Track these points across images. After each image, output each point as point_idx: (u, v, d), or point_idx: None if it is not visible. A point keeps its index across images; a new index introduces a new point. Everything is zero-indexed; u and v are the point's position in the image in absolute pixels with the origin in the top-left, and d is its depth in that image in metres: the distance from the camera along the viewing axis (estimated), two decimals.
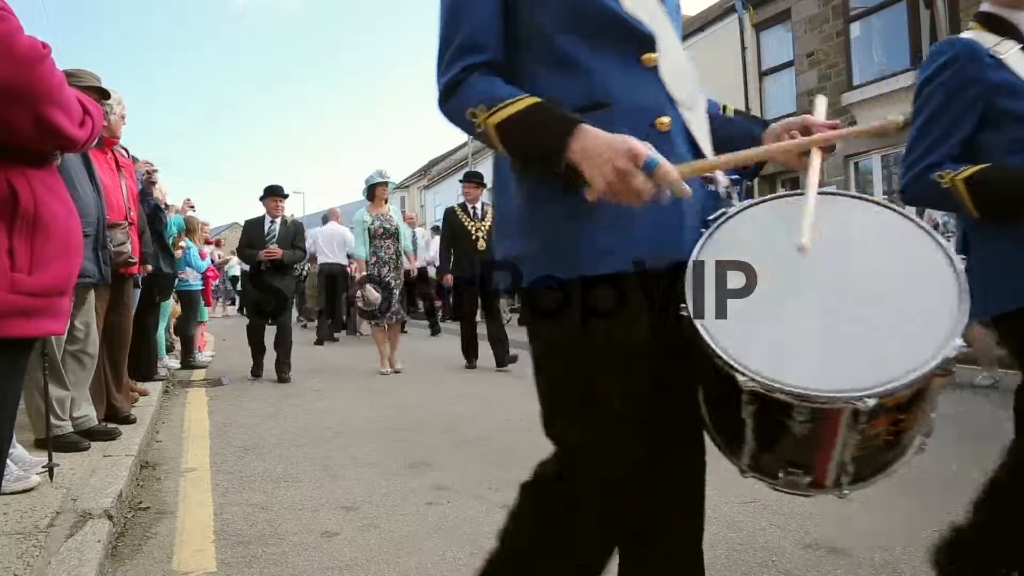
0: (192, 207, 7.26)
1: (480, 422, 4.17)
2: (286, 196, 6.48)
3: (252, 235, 6.27)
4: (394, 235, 6.48)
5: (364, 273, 6.34)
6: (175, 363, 6.62)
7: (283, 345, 6.14)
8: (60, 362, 3.11)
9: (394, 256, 6.46)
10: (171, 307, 6.46)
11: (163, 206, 5.22)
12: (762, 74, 12.49)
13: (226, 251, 13.55)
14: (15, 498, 2.40)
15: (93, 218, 3.15)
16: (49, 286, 1.24)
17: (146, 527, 2.50)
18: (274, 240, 6.19)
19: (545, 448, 1.16)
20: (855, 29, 10.53)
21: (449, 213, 6.87)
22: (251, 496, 2.81)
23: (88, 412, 3.35)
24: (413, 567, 2.11)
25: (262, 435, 3.91)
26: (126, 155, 4.47)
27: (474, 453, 3.43)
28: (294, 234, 6.35)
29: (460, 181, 7.07)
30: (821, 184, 1.19)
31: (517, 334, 6.85)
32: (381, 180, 6.52)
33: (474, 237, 6.62)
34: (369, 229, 6.40)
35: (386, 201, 6.63)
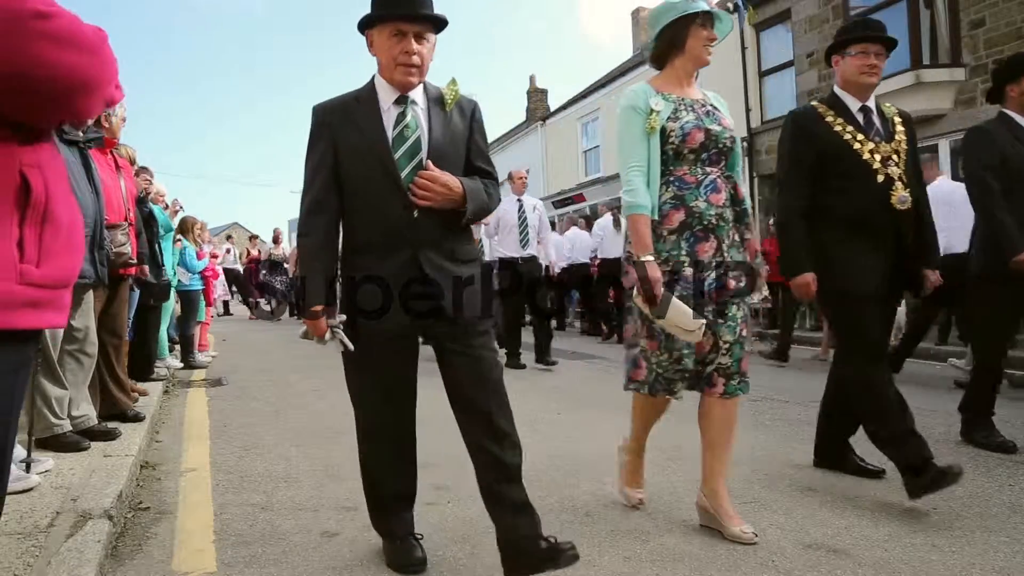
0: (181, 208, 7.15)
1: None
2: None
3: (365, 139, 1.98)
4: (721, 151, 2.42)
5: (647, 258, 2.26)
6: (176, 363, 6.60)
7: (510, 446, 2.03)
8: (58, 361, 3.11)
9: (725, 207, 2.40)
10: (172, 308, 6.45)
11: (161, 207, 5.24)
12: (762, 74, 12.50)
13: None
14: (15, 498, 2.39)
15: (90, 219, 3.14)
16: (55, 278, 1.24)
17: (146, 527, 2.50)
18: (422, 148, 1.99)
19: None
20: None
21: (807, 116, 2.83)
22: (251, 496, 2.81)
23: (87, 412, 3.35)
24: None
25: (262, 435, 3.91)
26: (133, 152, 4.47)
27: None
28: (470, 134, 2.09)
29: (832, 52, 2.86)
30: None
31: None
32: (692, 9, 2.35)
33: (880, 176, 2.65)
34: (664, 131, 2.35)
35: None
